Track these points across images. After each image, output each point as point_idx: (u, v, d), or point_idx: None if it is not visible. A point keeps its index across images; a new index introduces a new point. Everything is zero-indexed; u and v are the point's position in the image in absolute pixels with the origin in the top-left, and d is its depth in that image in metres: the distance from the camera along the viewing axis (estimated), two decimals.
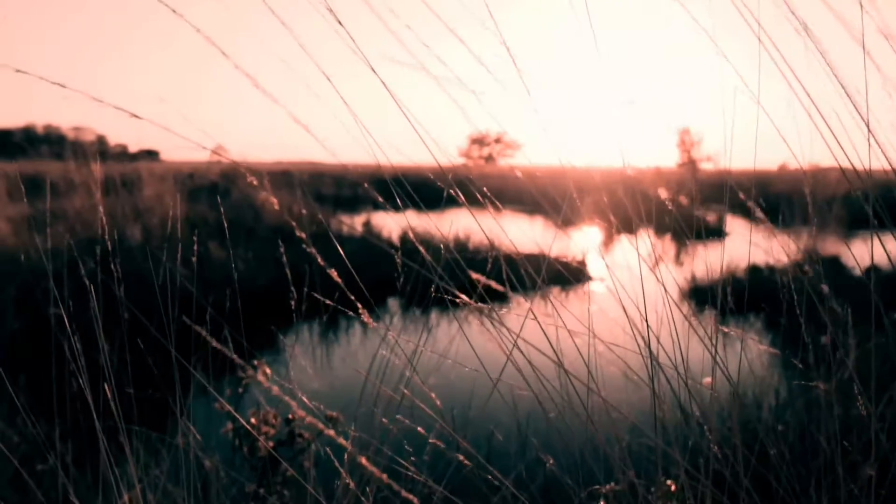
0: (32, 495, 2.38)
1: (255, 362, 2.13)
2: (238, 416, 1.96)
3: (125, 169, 8.45)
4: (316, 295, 1.89)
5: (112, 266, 1.41)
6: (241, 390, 2.09)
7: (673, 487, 1.56)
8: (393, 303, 7.18)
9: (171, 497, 1.94)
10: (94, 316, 1.25)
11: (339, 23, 1.15)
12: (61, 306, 1.31)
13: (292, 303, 1.81)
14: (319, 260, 1.96)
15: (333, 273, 1.59)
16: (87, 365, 1.32)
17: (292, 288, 1.87)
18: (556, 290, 7.94)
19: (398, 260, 1.48)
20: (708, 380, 2.47)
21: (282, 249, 1.87)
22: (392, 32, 1.17)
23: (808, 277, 1.59)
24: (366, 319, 1.59)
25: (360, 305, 1.57)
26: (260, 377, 2.12)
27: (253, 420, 2.14)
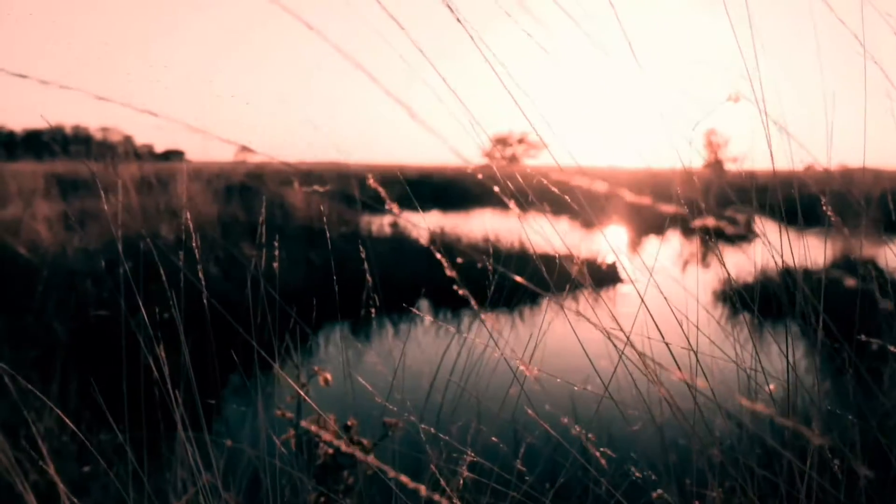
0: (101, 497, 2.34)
1: (315, 368, 2.06)
2: (302, 423, 1.89)
3: (157, 168, 8.47)
4: (372, 296, 1.82)
5: (199, 270, 1.34)
6: (302, 395, 2.02)
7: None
8: (423, 302, 7.11)
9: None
10: (177, 320, 1.18)
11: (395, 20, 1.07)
12: (143, 311, 1.25)
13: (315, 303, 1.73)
14: (364, 259, 1.87)
15: (363, 275, 1.52)
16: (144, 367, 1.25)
17: (335, 287, 1.79)
18: (588, 292, 7.82)
19: (489, 265, 1.40)
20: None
21: (327, 249, 1.80)
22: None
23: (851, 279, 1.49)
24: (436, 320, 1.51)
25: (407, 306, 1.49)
26: (321, 383, 2.05)
27: (313, 427, 2.06)
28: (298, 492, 2.03)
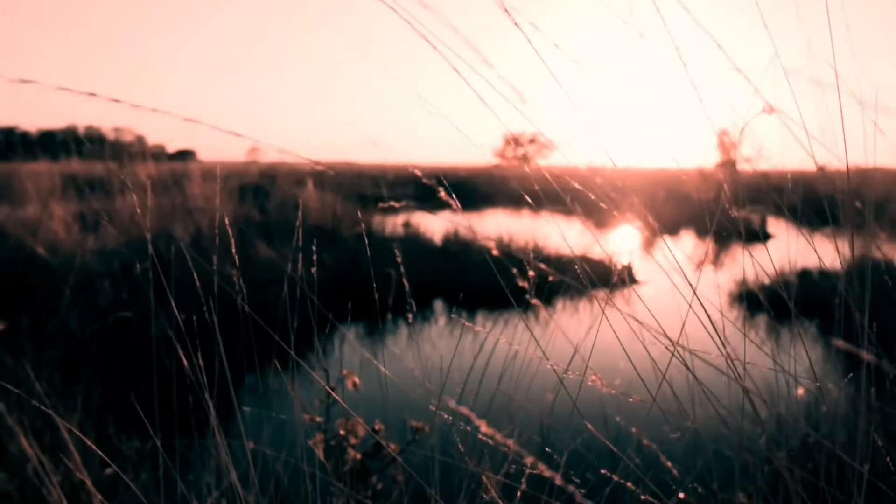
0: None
1: (345, 372, 2.04)
2: (331, 426, 1.87)
3: (171, 168, 8.49)
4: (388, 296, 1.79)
5: (235, 276, 1.32)
6: (329, 398, 2.00)
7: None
8: (437, 302, 7.08)
9: None
10: (213, 327, 1.16)
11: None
12: (178, 315, 1.23)
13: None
14: (399, 261, 1.85)
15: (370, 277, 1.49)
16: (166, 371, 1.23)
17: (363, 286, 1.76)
18: (602, 292, 7.76)
19: (531, 270, 1.37)
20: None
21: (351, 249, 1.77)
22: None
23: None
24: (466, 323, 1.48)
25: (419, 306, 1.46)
26: (349, 386, 2.02)
27: (341, 431, 2.04)
28: (327, 496, 2.01)
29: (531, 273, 1.49)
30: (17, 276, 4.63)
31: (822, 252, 1.48)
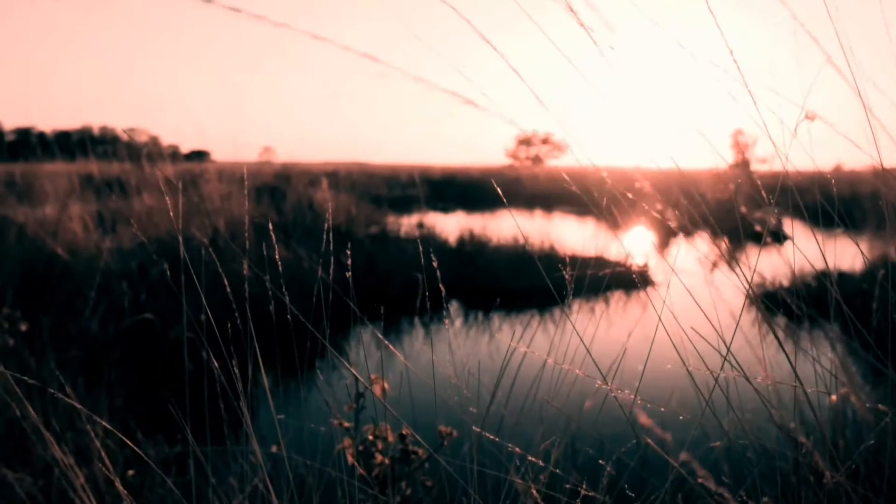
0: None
1: (373, 376, 2.02)
2: (359, 431, 1.85)
3: (187, 168, 8.52)
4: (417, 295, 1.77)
5: (275, 279, 1.30)
6: (359, 404, 1.98)
7: None
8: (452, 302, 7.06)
9: None
10: (246, 329, 1.15)
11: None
12: (212, 318, 1.21)
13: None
14: (434, 263, 1.82)
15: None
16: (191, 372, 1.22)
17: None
18: (618, 294, 7.74)
19: (566, 271, 1.34)
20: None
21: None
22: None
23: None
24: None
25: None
26: (377, 390, 2.00)
27: (370, 436, 2.03)
28: (355, 502, 1.99)
29: (568, 272, 1.47)
30: (39, 277, 4.65)
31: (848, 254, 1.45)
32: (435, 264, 1.64)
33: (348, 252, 1.36)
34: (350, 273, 1.35)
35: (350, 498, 2.02)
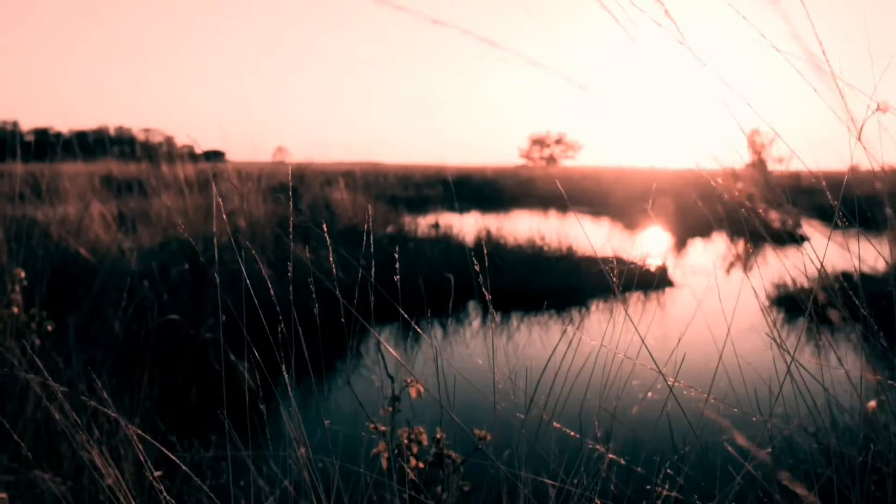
0: None
1: (408, 379, 2.00)
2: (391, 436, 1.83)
3: (202, 169, 8.54)
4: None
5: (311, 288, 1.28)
6: (392, 407, 1.96)
7: None
8: (469, 301, 7.03)
9: None
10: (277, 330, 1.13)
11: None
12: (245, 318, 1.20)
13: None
14: (482, 265, 1.80)
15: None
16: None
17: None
18: (637, 294, 7.68)
19: (609, 270, 1.31)
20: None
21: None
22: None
23: None
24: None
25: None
26: (412, 393, 1.98)
27: (405, 440, 2.01)
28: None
29: (615, 271, 1.44)
30: (64, 277, 4.67)
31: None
32: (477, 267, 1.62)
33: (396, 254, 1.33)
34: (398, 277, 1.33)
35: (380, 499, 2.00)
